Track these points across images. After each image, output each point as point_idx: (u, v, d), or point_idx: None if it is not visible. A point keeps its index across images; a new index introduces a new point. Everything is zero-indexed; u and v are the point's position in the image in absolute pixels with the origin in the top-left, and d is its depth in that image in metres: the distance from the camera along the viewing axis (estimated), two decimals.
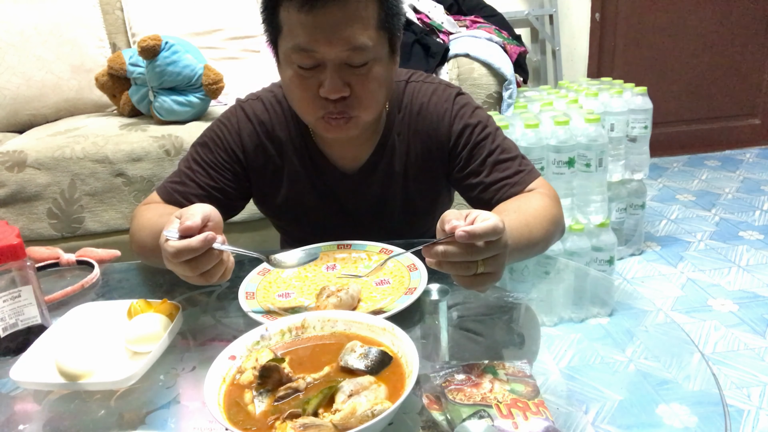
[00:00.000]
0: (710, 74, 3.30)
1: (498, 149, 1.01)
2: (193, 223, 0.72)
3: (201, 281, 0.76)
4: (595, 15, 3.12)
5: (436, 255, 0.69)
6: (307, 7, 0.83)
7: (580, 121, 1.90)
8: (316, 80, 0.88)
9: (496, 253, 0.69)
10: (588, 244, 1.97)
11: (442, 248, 0.68)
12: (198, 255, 0.72)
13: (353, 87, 0.89)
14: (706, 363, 0.73)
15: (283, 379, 0.64)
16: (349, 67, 0.88)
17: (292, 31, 0.87)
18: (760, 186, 2.91)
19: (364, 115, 0.93)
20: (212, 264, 0.74)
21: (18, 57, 2.08)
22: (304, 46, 0.86)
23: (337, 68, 0.87)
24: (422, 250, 0.70)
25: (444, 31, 2.28)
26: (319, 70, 0.88)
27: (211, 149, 1.04)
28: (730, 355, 1.68)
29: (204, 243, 0.72)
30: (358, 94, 0.90)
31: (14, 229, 0.94)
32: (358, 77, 0.88)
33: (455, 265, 0.69)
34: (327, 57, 0.86)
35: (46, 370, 0.73)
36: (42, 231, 1.76)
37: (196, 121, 1.92)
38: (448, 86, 1.06)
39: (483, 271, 0.69)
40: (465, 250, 0.68)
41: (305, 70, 0.88)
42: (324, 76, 0.87)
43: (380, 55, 0.90)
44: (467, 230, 0.66)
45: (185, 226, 0.72)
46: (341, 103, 0.90)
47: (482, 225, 0.67)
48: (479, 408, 0.61)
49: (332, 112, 0.90)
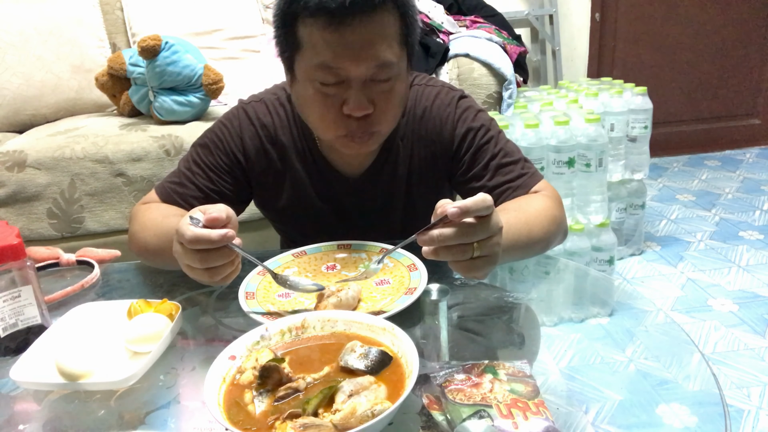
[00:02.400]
0: (710, 74, 3.30)
1: (501, 153, 1.01)
2: (219, 216, 0.73)
3: (204, 276, 0.76)
4: (595, 15, 3.12)
5: (431, 241, 0.69)
6: (334, 26, 0.82)
7: (580, 121, 1.90)
8: (339, 98, 0.87)
9: (490, 234, 0.70)
10: (588, 244, 1.97)
11: (437, 232, 0.69)
12: (212, 248, 0.73)
13: (376, 104, 0.88)
14: (706, 363, 0.73)
15: (283, 379, 0.63)
16: (373, 84, 0.87)
17: (316, 48, 0.85)
18: (760, 186, 2.92)
19: (385, 129, 0.93)
20: (222, 262, 0.75)
21: (18, 57, 2.08)
22: (330, 63, 0.84)
23: (362, 86, 0.86)
24: (417, 240, 0.71)
25: (444, 31, 2.28)
26: (343, 88, 0.87)
27: (211, 151, 1.04)
28: (730, 355, 1.68)
29: (223, 238, 0.72)
30: (382, 110, 0.89)
31: (14, 229, 0.94)
32: (381, 94, 0.88)
33: (451, 249, 0.70)
34: (353, 75, 0.85)
35: (46, 370, 0.73)
36: (42, 231, 1.76)
37: (196, 121, 1.92)
38: (451, 89, 1.06)
39: (479, 255, 0.70)
40: (459, 232, 0.69)
41: (328, 87, 0.87)
42: (347, 93, 0.86)
43: (402, 71, 0.90)
44: (458, 205, 0.68)
45: (212, 217, 0.73)
46: (364, 121, 0.89)
47: (471, 199, 0.69)
48: (479, 408, 0.61)
49: (355, 130, 0.90)
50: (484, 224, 0.70)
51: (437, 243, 0.69)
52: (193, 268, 0.75)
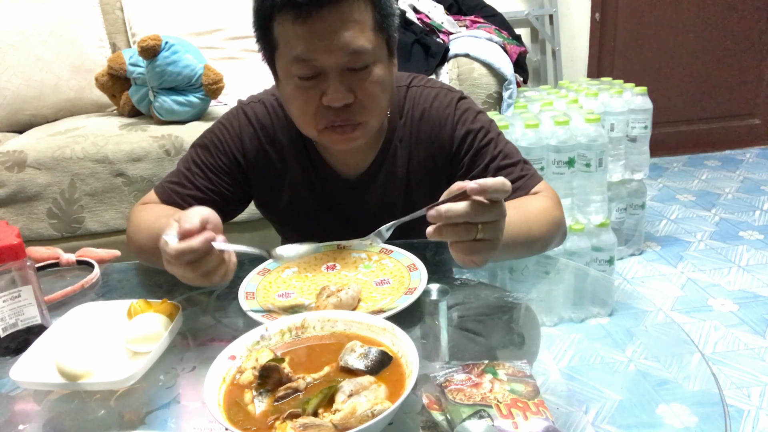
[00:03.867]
0: (710, 74, 3.30)
1: (500, 155, 1.01)
2: (191, 226, 0.72)
3: (203, 282, 0.75)
4: (595, 15, 3.12)
5: (439, 215, 0.69)
6: (302, 18, 0.82)
7: (580, 121, 1.90)
8: (318, 91, 0.88)
9: (496, 218, 0.71)
10: (588, 244, 1.97)
11: (446, 206, 0.69)
12: (199, 255, 0.72)
13: (356, 92, 0.88)
14: (706, 363, 0.72)
15: (283, 379, 0.64)
16: (351, 73, 0.87)
17: (289, 43, 0.86)
18: (760, 186, 2.92)
19: (370, 120, 0.92)
20: (213, 264, 0.74)
21: (18, 57, 2.08)
22: (303, 56, 0.85)
23: (339, 75, 0.86)
24: (427, 214, 0.71)
25: (444, 31, 2.28)
26: (321, 80, 0.87)
27: (211, 152, 1.04)
28: (730, 355, 1.68)
29: (204, 243, 0.71)
30: (362, 100, 0.89)
31: (14, 229, 0.94)
32: (360, 82, 0.88)
33: (456, 227, 0.70)
34: (327, 64, 0.85)
35: (46, 370, 0.73)
36: (42, 231, 1.76)
37: (196, 121, 1.92)
38: (450, 91, 1.06)
39: (482, 237, 0.71)
40: (468, 208, 0.69)
41: (306, 81, 0.87)
42: (326, 85, 0.87)
43: (380, 58, 0.90)
44: (478, 182, 0.68)
45: (184, 229, 0.72)
46: (345, 111, 0.89)
47: (491, 179, 0.69)
48: (479, 408, 0.61)
49: (336, 120, 0.89)
50: (493, 207, 0.70)
51: (445, 218, 0.69)
52: (187, 278, 0.75)
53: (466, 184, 0.69)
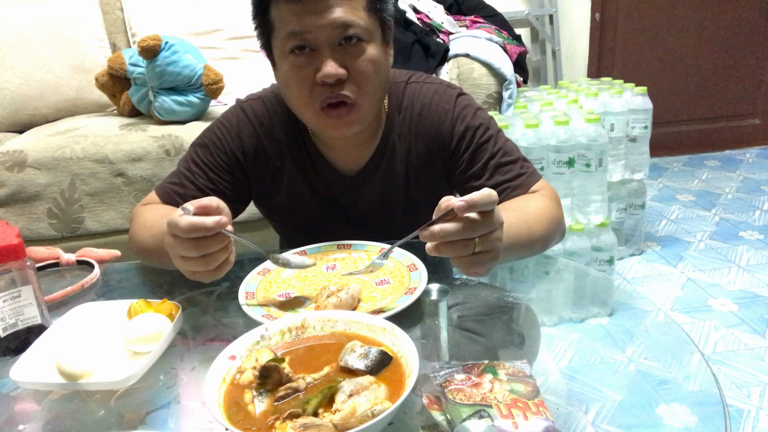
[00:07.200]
0: (710, 74, 3.30)
1: (500, 152, 1.01)
2: (209, 203, 0.74)
3: (200, 265, 0.75)
4: (595, 15, 3.12)
5: (433, 236, 0.70)
6: None
7: (580, 121, 1.90)
8: (312, 68, 0.90)
9: (492, 229, 0.71)
10: (588, 244, 1.97)
11: (438, 227, 0.69)
12: (207, 236, 0.73)
13: (349, 68, 0.90)
14: (706, 363, 0.72)
15: (283, 379, 0.63)
16: (343, 49, 0.89)
17: (284, 21, 0.89)
18: (760, 186, 2.91)
19: (364, 102, 0.93)
20: (218, 248, 0.75)
21: (18, 57, 2.08)
22: (296, 29, 0.88)
23: (331, 50, 0.89)
24: (419, 235, 0.71)
25: (444, 31, 2.28)
26: (314, 57, 0.89)
27: (210, 151, 1.04)
28: (730, 355, 1.68)
29: (217, 224, 0.73)
30: (355, 76, 0.90)
31: (14, 229, 0.94)
32: (352, 58, 0.90)
33: (454, 245, 0.70)
34: (320, 38, 0.88)
35: (46, 370, 0.73)
36: (42, 231, 1.76)
37: (196, 121, 1.92)
38: (449, 87, 1.06)
39: (481, 250, 0.71)
40: (461, 226, 0.69)
41: (300, 58, 0.90)
42: (319, 61, 0.89)
43: (373, 38, 0.92)
44: (465, 199, 0.68)
45: (203, 204, 0.74)
46: (339, 87, 0.90)
47: (477, 193, 0.69)
48: (479, 408, 0.61)
49: (330, 97, 0.91)
50: (487, 219, 0.70)
51: (439, 238, 0.69)
52: (187, 259, 0.75)
53: (453, 203, 0.69)
